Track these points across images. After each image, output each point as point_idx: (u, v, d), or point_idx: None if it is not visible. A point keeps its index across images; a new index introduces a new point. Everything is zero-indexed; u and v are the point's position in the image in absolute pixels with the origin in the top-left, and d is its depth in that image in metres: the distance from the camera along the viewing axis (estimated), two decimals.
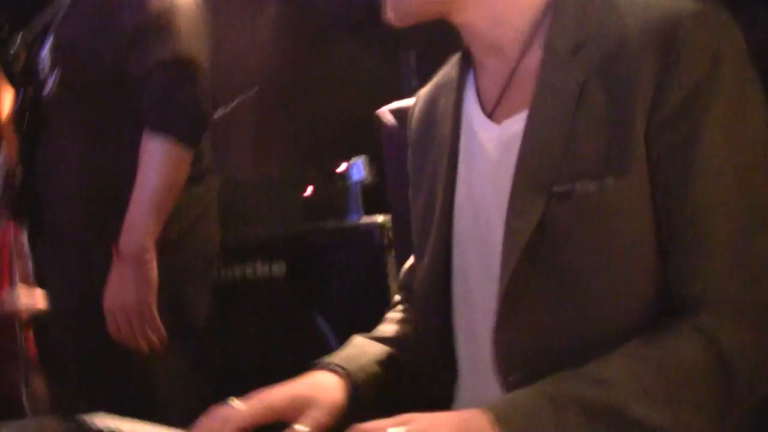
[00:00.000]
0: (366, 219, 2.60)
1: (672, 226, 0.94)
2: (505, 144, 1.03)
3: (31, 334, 2.83)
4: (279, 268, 2.60)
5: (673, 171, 0.92)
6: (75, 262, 1.87)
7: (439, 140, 1.15)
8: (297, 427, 1.02)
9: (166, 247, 1.80)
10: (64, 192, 1.88)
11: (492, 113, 1.07)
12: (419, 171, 1.22)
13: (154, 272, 1.76)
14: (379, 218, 2.55)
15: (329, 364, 1.14)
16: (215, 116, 2.03)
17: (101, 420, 1.21)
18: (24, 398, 2.40)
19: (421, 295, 1.18)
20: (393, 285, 2.34)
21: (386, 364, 1.18)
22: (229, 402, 1.05)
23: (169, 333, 1.81)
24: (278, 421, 1.05)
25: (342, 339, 1.24)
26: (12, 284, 2.99)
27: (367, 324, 1.28)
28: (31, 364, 2.66)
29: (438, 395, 1.16)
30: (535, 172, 0.99)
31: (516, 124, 1.01)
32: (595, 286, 0.96)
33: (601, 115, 0.95)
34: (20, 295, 2.84)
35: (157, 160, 1.75)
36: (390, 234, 2.47)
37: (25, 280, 2.96)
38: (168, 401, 1.79)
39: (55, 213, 1.89)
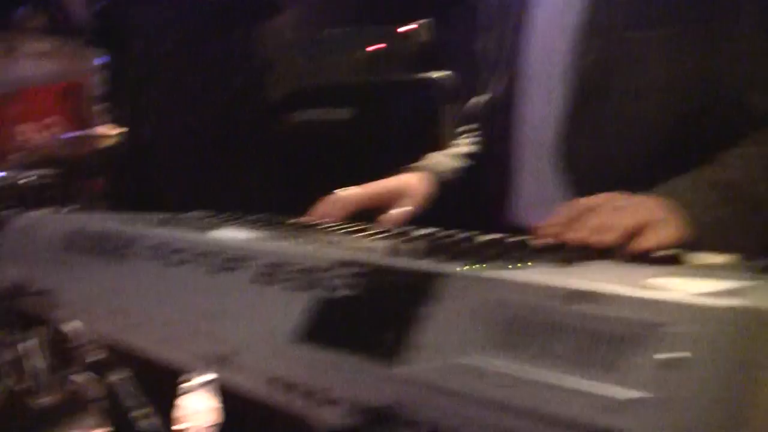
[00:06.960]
0: (423, 74, 2.80)
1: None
2: None
3: None
4: (343, 114, 2.88)
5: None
6: None
7: None
8: (403, 208, 1.25)
9: None
10: None
11: None
12: (490, 17, 1.38)
13: None
14: (435, 74, 2.76)
15: (417, 165, 1.36)
16: None
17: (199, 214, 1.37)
18: None
19: (491, 114, 1.36)
20: (444, 132, 2.58)
21: (458, 169, 1.41)
22: (336, 192, 1.25)
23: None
24: (376, 208, 1.27)
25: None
26: None
27: None
28: None
29: (498, 195, 1.35)
30: (596, 20, 1.15)
31: None
32: (645, 112, 1.11)
33: None
34: None
35: None
36: (444, 88, 2.71)
37: None
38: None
39: None
